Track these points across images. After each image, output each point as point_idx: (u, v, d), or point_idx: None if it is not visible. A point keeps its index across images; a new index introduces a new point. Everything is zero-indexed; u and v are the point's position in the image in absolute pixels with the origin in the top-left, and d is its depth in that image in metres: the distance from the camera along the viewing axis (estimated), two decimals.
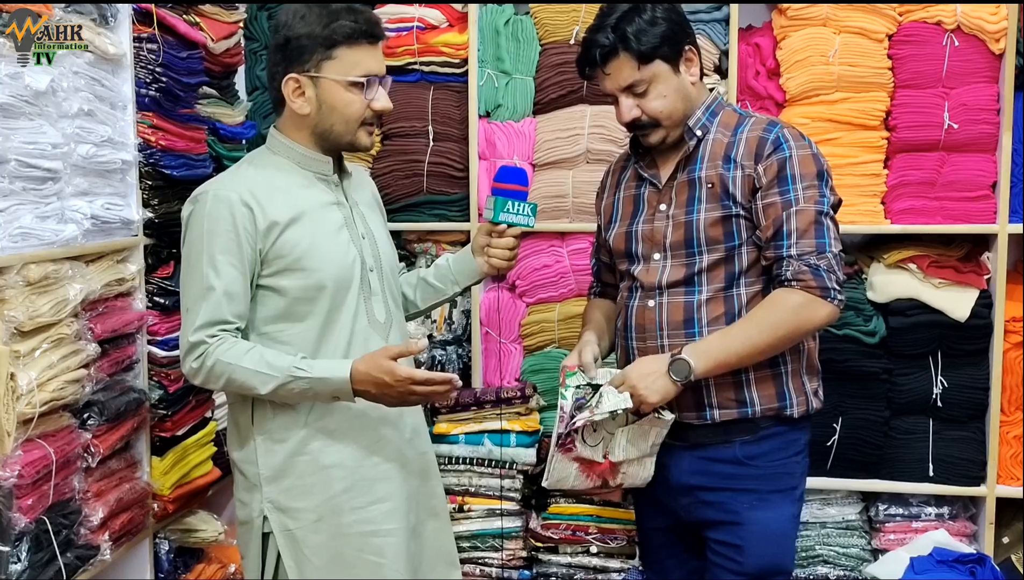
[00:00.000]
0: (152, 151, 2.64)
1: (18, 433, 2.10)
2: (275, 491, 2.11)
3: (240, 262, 2.03)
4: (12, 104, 2.12)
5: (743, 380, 2.15)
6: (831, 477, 3.05)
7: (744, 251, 2.16)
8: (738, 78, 3.06)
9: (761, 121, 2.21)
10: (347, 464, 2.12)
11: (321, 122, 2.11)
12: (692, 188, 2.18)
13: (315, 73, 2.07)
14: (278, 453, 2.10)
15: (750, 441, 2.17)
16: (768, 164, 2.12)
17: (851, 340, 2.97)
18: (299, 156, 2.15)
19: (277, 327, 2.09)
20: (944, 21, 2.93)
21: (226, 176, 2.17)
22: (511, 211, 2.25)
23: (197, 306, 2.03)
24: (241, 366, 2.01)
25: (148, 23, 2.60)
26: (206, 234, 2.03)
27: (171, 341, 2.71)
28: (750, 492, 2.17)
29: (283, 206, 2.07)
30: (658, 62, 2.14)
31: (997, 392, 2.97)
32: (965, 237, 3.02)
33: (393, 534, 2.15)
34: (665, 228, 2.20)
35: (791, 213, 2.09)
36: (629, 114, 2.17)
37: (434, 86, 3.24)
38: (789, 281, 2.07)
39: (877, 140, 3.01)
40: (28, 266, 2.15)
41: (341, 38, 2.06)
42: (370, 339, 2.13)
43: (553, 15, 3.15)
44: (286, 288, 2.07)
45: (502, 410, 3.03)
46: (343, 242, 2.13)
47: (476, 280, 2.36)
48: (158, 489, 2.68)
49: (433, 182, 3.23)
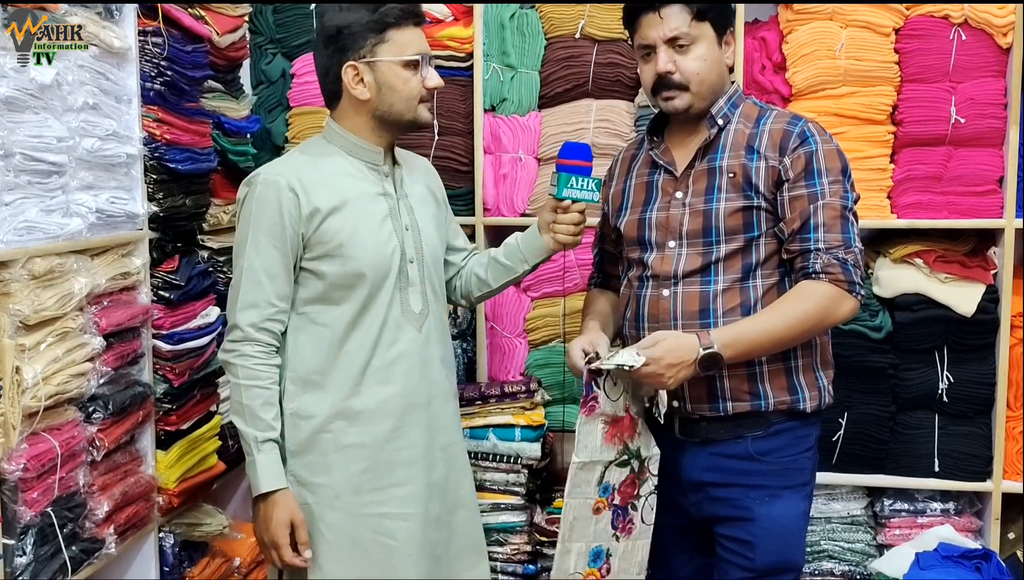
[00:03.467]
0: (157, 145, 2.64)
1: (23, 427, 2.10)
2: (298, 465, 2.19)
3: (283, 244, 2.13)
4: (17, 97, 2.13)
5: (756, 373, 2.14)
6: (836, 472, 3.04)
7: (762, 243, 2.14)
8: (744, 72, 3.05)
9: (784, 114, 2.21)
10: (368, 445, 2.19)
11: (381, 104, 2.18)
12: (712, 177, 2.17)
13: (371, 58, 2.15)
14: (304, 429, 2.18)
15: (761, 436, 2.16)
16: (795, 156, 2.11)
17: (857, 335, 2.96)
18: (352, 145, 2.23)
19: (315, 309, 2.18)
20: (951, 15, 2.91)
21: (278, 162, 2.28)
22: (575, 187, 2.24)
23: (239, 283, 2.15)
24: (242, 387, 2.13)
25: (153, 17, 2.61)
26: (254, 216, 2.14)
27: (176, 335, 2.72)
28: (761, 488, 2.16)
29: (328, 194, 2.15)
30: (708, 25, 2.15)
31: (1003, 387, 2.96)
32: (971, 232, 3.01)
33: (409, 519, 2.20)
34: (681, 216, 2.18)
35: (818, 206, 2.08)
36: (665, 66, 2.14)
37: None
38: (818, 273, 2.06)
39: (883, 134, 2.99)
40: (33, 260, 2.15)
41: (393, 20, 2.14)
42: (402, 328, 2.20)
43: (558, 9, 3.14)
44: (325, 273, 2.16)
45: (507, 405, 3.04)
46: (385, 233, 2.20)
47: (544, 257, 2.39)
48: (163, 483, 2.68)
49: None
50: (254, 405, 2.13)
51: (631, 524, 2.23)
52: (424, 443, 2.23)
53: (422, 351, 2.23)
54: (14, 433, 2.07)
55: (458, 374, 3.23)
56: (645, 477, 2.22)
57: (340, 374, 2.17)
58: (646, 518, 2.24)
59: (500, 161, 3.20)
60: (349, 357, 2.17)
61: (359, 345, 2.17)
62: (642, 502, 2.22)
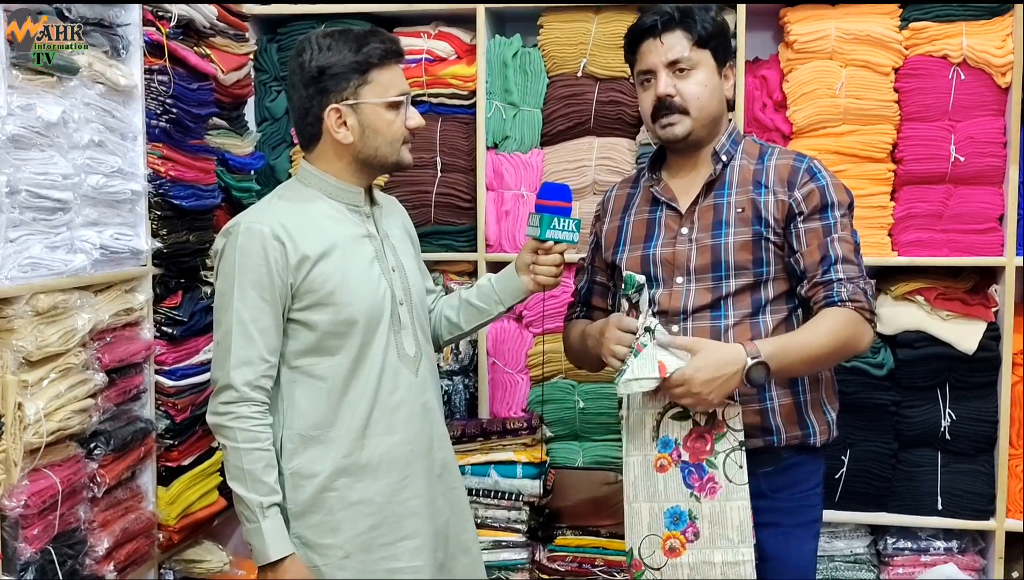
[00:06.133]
0: (162, 181, 2.66)
1: (25, 463, 2.10)
2: (303, 526, 2.09)
3: (272, 296, 2.04)
4: (24, 135, 2.14)
5: (768, 408, 2.13)
6: (839, 510, 3.03)
7: (771, 278, 2.14)
8: (745, 110, 3.07)
9: (787, 152, 2.23)
10: (376, 500, 2.11)
11: (365, 147, 2.12)
12: (718, 212, 2.17)
13: (355, 100, 2.08)
14: (307, 488, 2.08)
15: (772, 472, 2.15)
16: (806, 191, 2.12)
17: (859, 372, 2.96)
18: (331, 187, 2.15)
19: (309, 361, 2.09)
20: (950, 55, 2.94)
21: (257, 209, 2.18)
22: (557, 228, 2.21)
23: (228, 340, 2.04)
24: (241, 451, 2.03)
25: (159, 55, 2.63)
26: (237, 267, 2.04)
27: (178, 371, 2.72)
28: (774, 526, 2.14)
29: (314, 240, 2.07)
30: (708, 53, 2.16)
31: (1006, 425, 2.96)
32: (972, 269, 3.02)
33: (420, 571, 2.13)
34: (689, 251, 2.17)
35: (834, 239, 2.10)
36: (665, 88, 2.14)
37: (442, 117, 3.26)
38: (844, 301, 2.05)
39: (884, 172, 3.01)
40: (37, 296, 2.15)
41: (376, 60, 2.07)
42: (400, 373, 2.13)
43: (561, 48, 3.17)
44: (317, 322, 2.07)
45: (508, 441, 3.03)
46: (374, 276, 2.13)
47: (521, 298, 2.32)
48: (163, 519, 2.67)
49: (440, 212, 3.25)
50: (256, 469, 2.02)
51: (713, 483, 2.05)
52: (428, 491, 2.17)
53: (420, 396, 2.17)
54: (15, 469, 2.07)
55: (459, 410, 3.24)
56: (722, 432, 2.05)
57: (342, 428, 2.08)
58: (733, 477, 2.04)
59: (502, 198, 3.22)
60: (350, 409, 2.09)
61: (359, 395, 2.09)
62: (721, 459, 2.05)
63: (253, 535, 2.04)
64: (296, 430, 2.09)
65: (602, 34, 3.12)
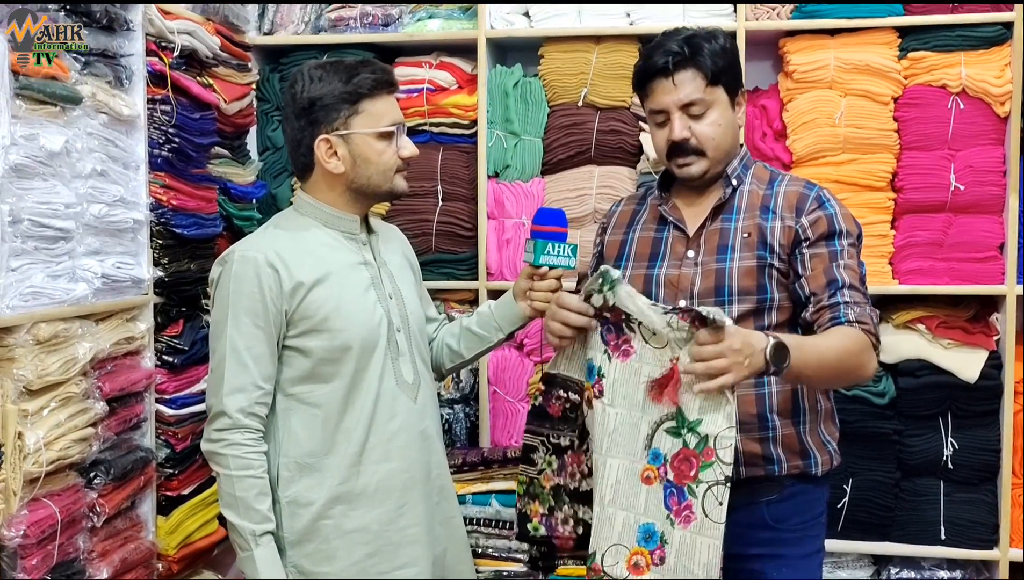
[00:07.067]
0: (164, 210, 2.67)
1: (24, 492, 2.09)
2: (299, 555, 2.08)
3: (266, 323, 2.04)
4: (26, 165, 2.15)
5: (770, 437, 2.11)
6: (842, 539, 3.02)
7: (775, 306, 2.11)
8: (745, 139, 3.08)
9: (797, 179, 2.21)
10: (372, 529, 2.09)
11: (357, 177, 2.11)
12: (724, 236, 2.15)
13: (345, 130, 2.07)
14: (302, 517, 2.07)
15: (775, 501, 2.13)
16: (814, 218, 2.10)
17: (861, 401, 2.96)
18: (326, 216, 2.15)
19: (304, 388, 2.08)
20: (949, 84, 2.95)
21: (253, 238, 2.18)
22: (552, 253, 2.20)
23: (222, 367, 2.04)
24: (234, 478, 2.01)
25: (162, 85, 2.65)
26: (232, 295, 2.04)
27: (179, 399, 2.72)
28: (778, 558, 2.12)
29: (309, 267, 2.07)
30: (721, 89, 2.12)
31: (1008, 454, 2.95)
32: (973, 298, 3.02)
33: None
34: (693, 275, 2.15)
35: (840, 265, 2.07)
36: (681, 133, 2.11)
37: (443, 147, 3.28)
38: (852, 322, 2.01)
39: (884, 201, 3.02)
40: (38, 325, 2.16)
41: (366, 91, 2.07)
42: (397, 400, 2.12)
43: (561, 77, 3.19)
44: (312, 349, 2.06)
45: (510, 470, 3.02)
46: (369, 302, 2.12)
47: (520, 325, 2.30)
48: (163, 549, 2.66)
49: (442, 241, 3.26)
50: (248, 496, 2.01)
51: (689, 512, 1.90)
52: (426, 519, 2.16)
53: (419, 423, 2.15)
54: (15, 499, 2.06)
55: (460, 438, 3.23)
56: (710, 460, 1.88)
57: (338, 455, 2.07)
58: (711, 513, 1.86)
59: (503, 226, 3.23)
60: (346, 436, 2.07)
61: (355, 422, 2.08)
62: (702, 490, 1.87)
63: (246, 563, 2.04)
64: (292, 458, 2.08)
65: (603, 64, 3.14)
